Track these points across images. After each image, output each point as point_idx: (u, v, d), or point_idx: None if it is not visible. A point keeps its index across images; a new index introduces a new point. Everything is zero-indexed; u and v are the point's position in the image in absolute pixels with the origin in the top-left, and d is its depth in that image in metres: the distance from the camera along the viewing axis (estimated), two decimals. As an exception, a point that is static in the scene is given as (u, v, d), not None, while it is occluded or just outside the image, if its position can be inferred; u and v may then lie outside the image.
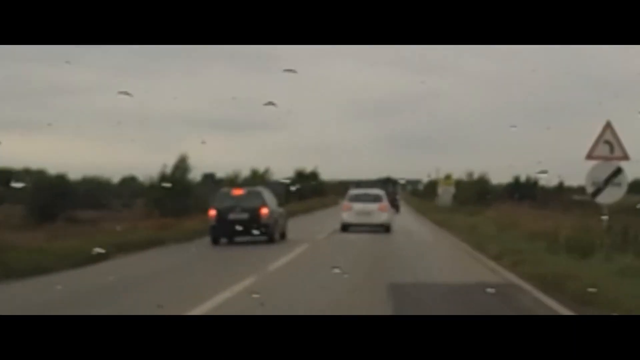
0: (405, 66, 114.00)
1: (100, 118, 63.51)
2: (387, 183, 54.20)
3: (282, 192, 45.09)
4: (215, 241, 26.26)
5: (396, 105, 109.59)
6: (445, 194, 59.55)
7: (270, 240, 25.97)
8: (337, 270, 16.21)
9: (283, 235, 27.82)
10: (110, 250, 20.64)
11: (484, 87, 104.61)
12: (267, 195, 27.42)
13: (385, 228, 32.11)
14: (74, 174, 42.26)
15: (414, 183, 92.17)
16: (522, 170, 59.91)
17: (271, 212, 26.51)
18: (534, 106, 78.34)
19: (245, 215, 25.83)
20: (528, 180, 61.89)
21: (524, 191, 60.25)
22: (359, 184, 41.91)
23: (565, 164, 57.34)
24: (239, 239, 26.46)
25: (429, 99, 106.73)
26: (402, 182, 74.42)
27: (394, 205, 44.31)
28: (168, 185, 36.64)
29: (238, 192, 27.53)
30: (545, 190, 62.47)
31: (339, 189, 71.97)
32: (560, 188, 66.42)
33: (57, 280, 15.96)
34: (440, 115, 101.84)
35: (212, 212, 26.27)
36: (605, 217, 18.10)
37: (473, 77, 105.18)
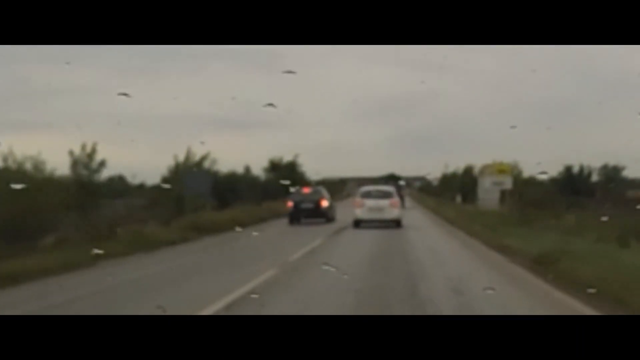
0: (405, 66, 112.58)
1: (100, 118, 62.25)
2: (389, 181, 52.94)
3: (207, 186, 42.28)
4: (292, 222, 37.93)
5: (396, 105, 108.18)
6: (492, 190, 41.11)
7: (327, 221, 37.74)
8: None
9: (333, 219, 38.99)
10: None
11: (484, 87, 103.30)
12: (324, 192, 39.51)
13: (396, 223, 33.73)
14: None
15: (417, 180, 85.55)
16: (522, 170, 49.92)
17: (328, 203, 38.82)
18: (534, 106, 77.02)
19: (311, 205, 38.29)
20: (581, 172, 49.76)
21: (578, 187, 47.69)
22: (359, 181, 45.00)
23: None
24: (305, 220, 38.02)
25: (429, 99, 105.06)
26: (402, 182, 65.99)
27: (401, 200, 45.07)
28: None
29: (306, 190, 39.28)
30: (600, 186, 50.33)
31: (337, 187, 62.95)
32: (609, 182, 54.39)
33: None
34: (440, 115, 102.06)
35: (290, 203, 38.48)
36: None
37: (473, 76, 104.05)
